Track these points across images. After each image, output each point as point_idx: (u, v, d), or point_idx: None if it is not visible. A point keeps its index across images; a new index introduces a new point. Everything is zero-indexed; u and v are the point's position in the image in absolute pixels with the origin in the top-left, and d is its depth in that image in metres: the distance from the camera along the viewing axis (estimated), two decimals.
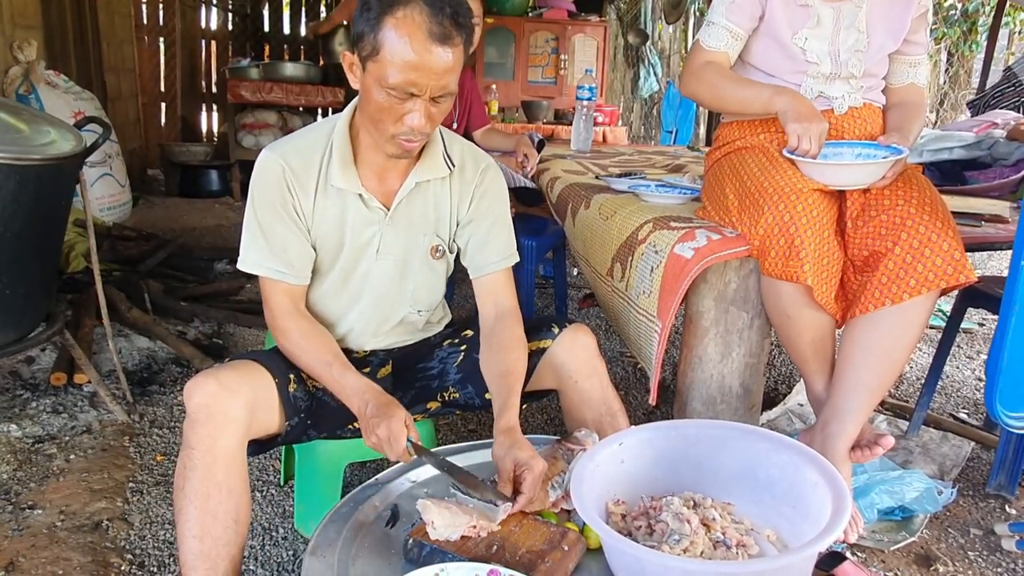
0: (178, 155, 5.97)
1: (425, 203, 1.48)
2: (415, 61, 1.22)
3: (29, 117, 2.12)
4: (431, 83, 1.25)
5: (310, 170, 1.40)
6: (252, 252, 1.40)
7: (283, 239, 1.40)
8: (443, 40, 1.23)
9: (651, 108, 7.72)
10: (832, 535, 0.98)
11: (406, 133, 1.30)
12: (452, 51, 1.25)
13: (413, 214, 1.47)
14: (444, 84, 1.27)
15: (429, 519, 1.12)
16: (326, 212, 1.42)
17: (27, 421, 2.22)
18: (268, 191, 1.39)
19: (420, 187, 1.46)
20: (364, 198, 1.42)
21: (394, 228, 1.46)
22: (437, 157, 1.46)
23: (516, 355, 1.43)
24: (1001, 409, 1.47)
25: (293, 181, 1.39)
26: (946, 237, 1.46)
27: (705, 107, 1.85)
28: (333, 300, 1.51)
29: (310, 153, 1.41)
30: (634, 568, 1.04)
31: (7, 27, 4.04)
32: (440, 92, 1.27)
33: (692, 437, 1.29)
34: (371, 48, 1.25)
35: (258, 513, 1.85)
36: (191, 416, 1.23)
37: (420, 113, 1.28)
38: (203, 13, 6.80)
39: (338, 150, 1.40)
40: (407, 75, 1.23)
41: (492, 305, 1.52)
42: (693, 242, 1.59)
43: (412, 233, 1.48)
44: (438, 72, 1.24)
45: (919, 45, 1.75)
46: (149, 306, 3.06)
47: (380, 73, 1.25)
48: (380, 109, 1.29)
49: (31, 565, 1.61)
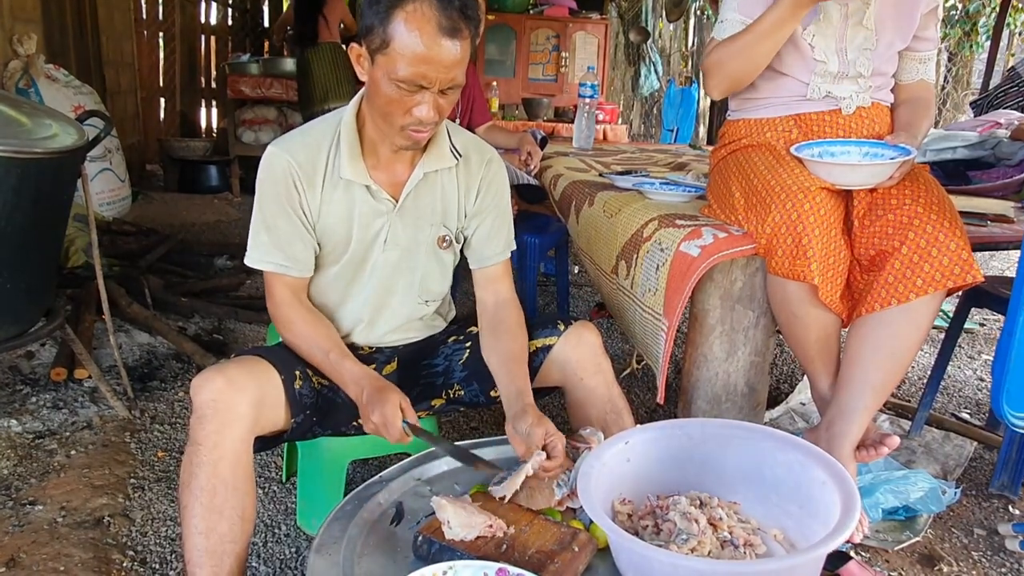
0: (177, 150, 5.95)
1: (433, 194, 1.48)
2: (425, 54, 1.22)
3: (30, 110, 2.11)
4: (440, 76, 1.25)
5: (317, 164, 1.40)
6: (256, 248, 1.42)
7: (287, 235, 1.40)
8: (452, 33, 1.23)
9: (651, 106, 7.72)
10: (843, 535, 0.98)
11: (415, 124, 1.31)
12: (461, 44, 1.25)
13: (421, 205, 1.47)
14: (453, 76, 1.27)
15: (444, 518, 1.12)
16: (333, 205, 1.42)
17: (27, 416, 2.21)
18: (275, 187, 1.39)
19: (428, 178, 1.46)
20: (372, 190, 1.42)
21: (402, 219, 1.46)
22: (443, 148, 1.46)
23: (520, 342, 1.48)
24: (1007, 409, 1.47)
25: (300, 176, 1.39)
26: (954, 237, 1.46)
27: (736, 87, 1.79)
28: (341, 291, 1.51)
29: (317, 147, 1.41)
30: (642, 567, 1.03)
31: (7, 21, 4.02)
32: (449, 84, 1.28)
33: (698, 436, 1.28)
34: (380, 41, 1.24)
35: (260, 510, 1.84)
36: (198, 412, 1.22)
37: (429, 105, 1.28)
38: (203, 8, 6.79)
39: (346, 142, 1.40)
40: (417, 68, 1.23)
41: (492, 294, 1.56)
42: (699, 240, 1.59)
43: (420, 224, 1.49)
44: (447, 65, 1.24)
45: (929, 41, 1.73)
46: (149, 301, 3.06)
47: (390, 66, 1.25)
48: (389, 101, 1.29)
49: (32, 561, 1.60)
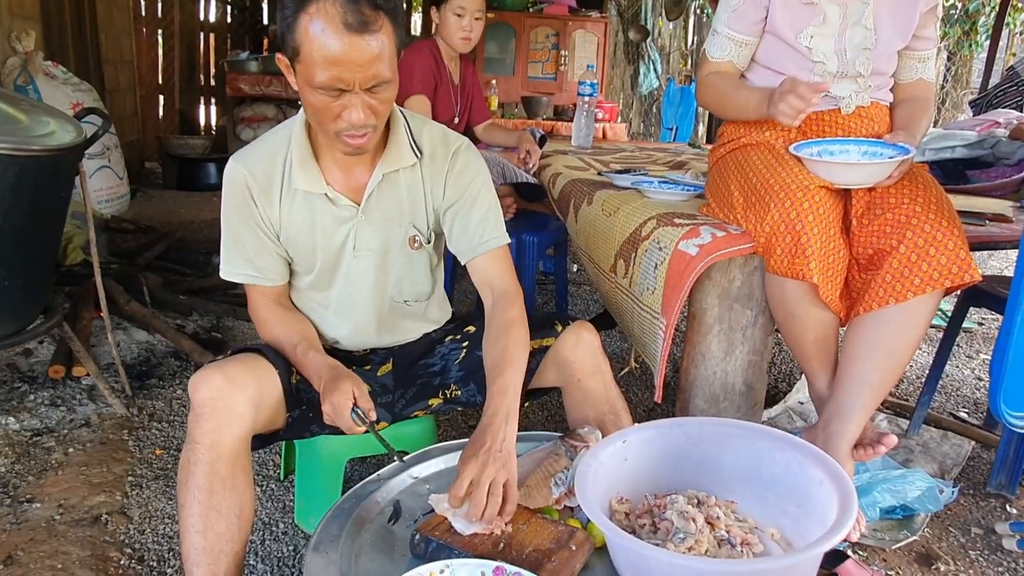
0: (176, 148, 5.95)
1: (397, 194, 1.44)
2: (336, 56, 1.15)
3: (28, 108, 2.11)
4: (357, 76, 1.18)
5: (273, 176, 1.38)
6: (226, 260, 1.43)
7: (252, 246, 1.41)
8: (361, 28, 1.15)
9: (651, 105, 7.71)
10: (840, 533, 0.98)
11: (347, 130, 1.24)
12: (374, 37, 1.17)
13: (386, 206, 1.44)
14: (373, 74, 1.19)
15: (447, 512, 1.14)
16: (293, 216, 1.40)
17: (25, 414, 2.21)
18: (235, 201, 1.39)
19: (388, 178, 1.42)
20: (330, 197, 1.39)
21: (369, 223, 1.43)
22: (402, 146, 1.40)
23: (504, 342, 1.34)
24: (1005, 408, 1.47)
25: (256, 190, 1.37)
26: (952, 236, 1.46)
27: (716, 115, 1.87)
28: (319, 301, 1.51)
29: (271, 159, 1.38)
30: (640, 566, 1.03)
31: (5, 17, 4.01)
32: (372, 82, 1.20)
33: (695, 435, 1.28)
34: (292, 49, 1.19)
35: (258, 508, 1.84)
36: (196, 410, 1.21)
37: (357, 108, 1.21)
38: (202, 5, 6.77)
39: (297, 152, 1.36)
40: (331, 71, 1.16)
41: (489, 290, 1.47)
42: (698, 239, 1.59)
43: (388, 225, 1.45)
44: (362, 63, 1.17)
45: (928, 40, 1.73)
46: (147, 299, 3.05)
47: (307, 73, 1.19)
48: (316, 110, 1.23)
49: (30, 559, 1.60)
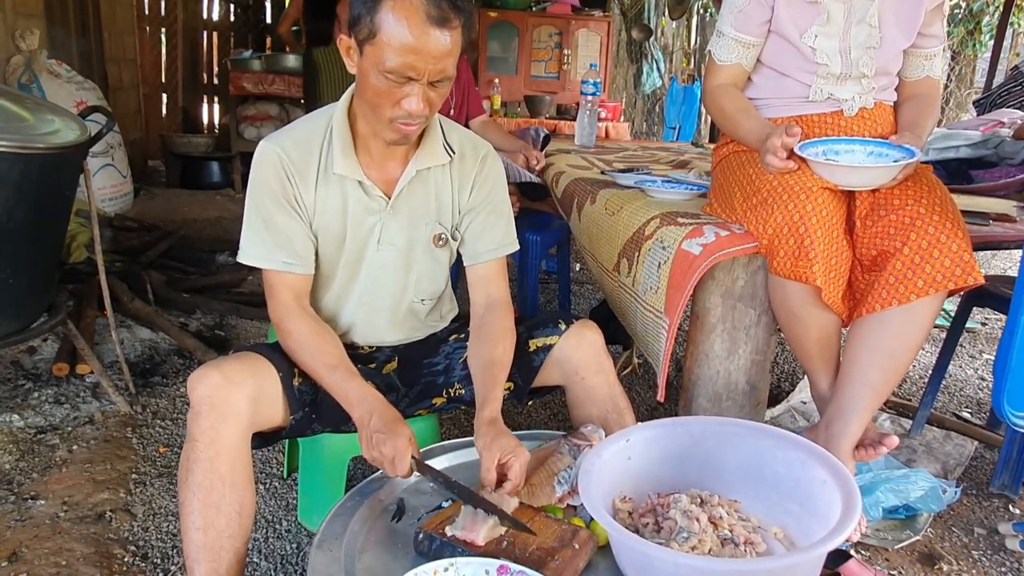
0: (179, 146, 5.95)
1: (426, 191, 1.46)
2: (413, 44, 1.20)
3: (33, 106, 2.11)
4: (429, 67, 1.22)
5: (309, 160, 1.38)
6: (255, 246, 1.38)
7: (287, 229, 1.38)
8: (441, 23, 1.20)
9: (654, 104, 7.70)
10: (844, 533, 0.98)
11: (403, 117, 1.28)
12: (451, 34, 1.22)
13: (415, 203, 1.45)
14: (442, 68, 1.24)
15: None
16: (327, 202, 1.40)
17: (29, 411, 2.22)
18: (268, 182, 1.37)
19: (421, 175, 1.44)
20: (365, 186, 1.40)
21: (395, 218, 1.44)
22: (437, 144, 1.44)
23: (503, 347, 1.43)
24: (1008, 408, 1.47)
25: (293, 171, 1.37)
26: (955, 238, 1.45)
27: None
28: (336, 292, 1.49)
29: (309, 142, 1.39)
30: (643, 565, 1.03)
31: (9, 16, 4.02)
32: (438, 76, 1.25)
33: (698, 434, 1.28)
34: (368, 31, 1.22)
35: (261, 506, 1.85)
36: (194, 408, 1.22)
37: (418, 97, 1.25)
38: (205, 4, 6.77)
39: (338, 137, 1.38)
40: (405, 58, 1.21)
41: (484, 295, 1.52)
42: (701, 238, 1.59)
43: (415, 223, 1.46)
44: (436, 56, 1.22)
45: (935, 38, 1.71)
46: (151, 297, 3.06)
47: (377, 57, 1.22)
48: (378, 93, 1.26)
49: (34, 556, 1.61)
